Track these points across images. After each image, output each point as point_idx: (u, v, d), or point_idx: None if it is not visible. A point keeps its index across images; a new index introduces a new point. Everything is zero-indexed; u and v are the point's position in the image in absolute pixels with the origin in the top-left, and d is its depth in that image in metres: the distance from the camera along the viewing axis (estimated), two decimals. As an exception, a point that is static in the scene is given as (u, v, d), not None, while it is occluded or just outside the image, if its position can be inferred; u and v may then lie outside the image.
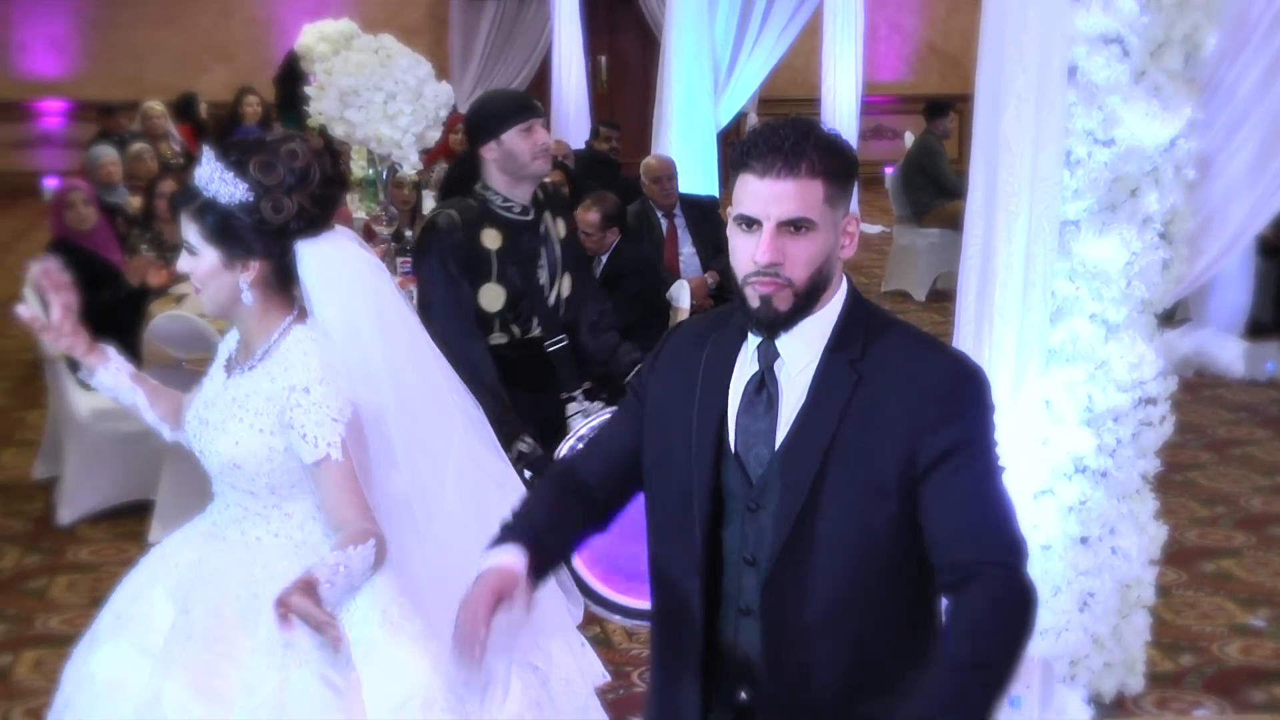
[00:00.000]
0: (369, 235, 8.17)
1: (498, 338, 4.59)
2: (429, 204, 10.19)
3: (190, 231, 2.99)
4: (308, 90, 8.30)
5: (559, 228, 4.70)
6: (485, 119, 4.54)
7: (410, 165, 7.96)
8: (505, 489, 3.34)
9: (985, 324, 4.56)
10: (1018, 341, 4.52)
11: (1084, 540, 4.59)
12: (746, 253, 2.50)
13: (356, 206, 9.41)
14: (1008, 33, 4.44)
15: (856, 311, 2.59)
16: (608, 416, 2.98)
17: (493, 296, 4.52)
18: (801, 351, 2.56)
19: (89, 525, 6.49)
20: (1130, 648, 4.78)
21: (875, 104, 18.06)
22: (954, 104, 12.66)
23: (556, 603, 3.39)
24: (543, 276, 4.64)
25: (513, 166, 4.50)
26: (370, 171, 8.98)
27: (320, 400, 2.96)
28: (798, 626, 2.52)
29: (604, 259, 7.34)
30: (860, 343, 2.54)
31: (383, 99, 7.32)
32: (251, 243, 2.96)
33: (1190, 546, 6.40)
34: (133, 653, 3.03)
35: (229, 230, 2.95)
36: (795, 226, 2.47)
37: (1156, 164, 4.48)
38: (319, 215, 3.03)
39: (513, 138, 4.45)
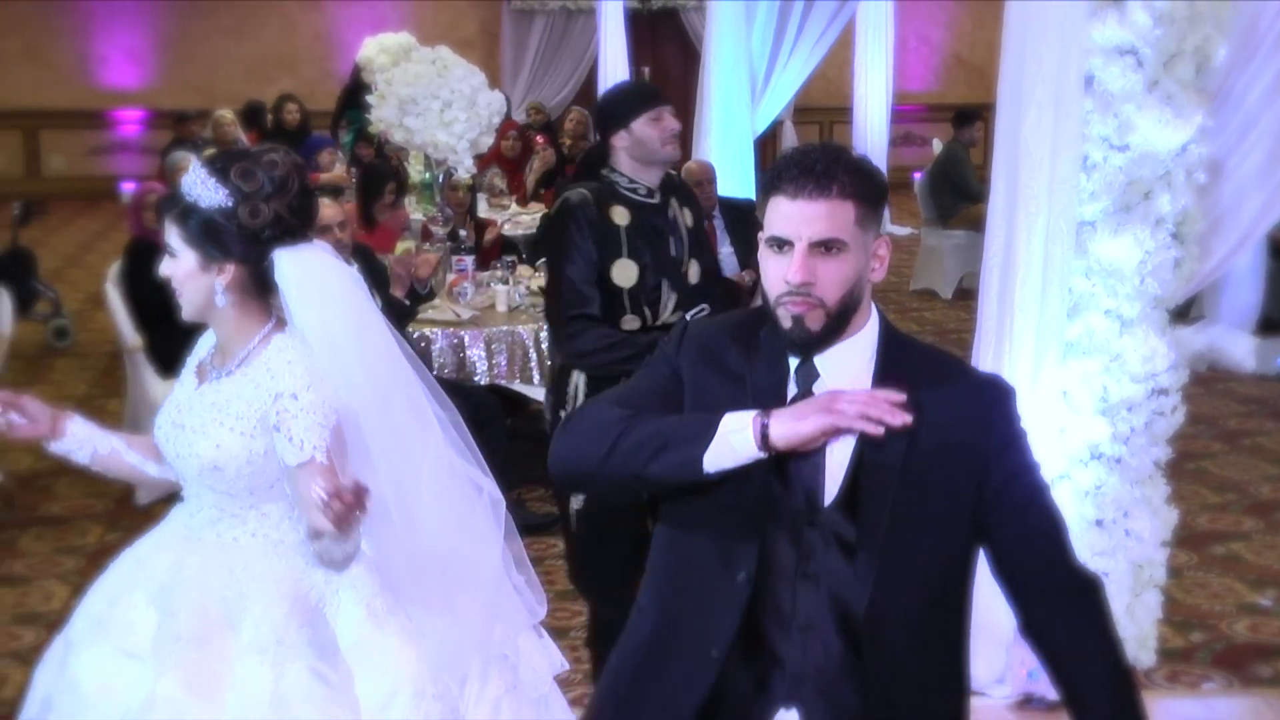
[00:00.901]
0: (426, 235, 8.24)
1: (630, 321, 4.41)
2: (483, 206, 10.27)
3: (172, 234, 2.95)
4: (369, 99, 8.38)
5: (686, 216, 4.56)
6: (615, 109, 4.43)
7: (465, 169, 8.02)
8: (483, 491, 3.24)
9: (1006, 319, 4.59)
10: (1037, 335, 4.55)
11: (1099, 523, 4.62)
12: (778, 273, 2.43)
13: (414, 208, 9.47)
14: (1028, 44, 4.46)
15: (893, 341, 2.54)
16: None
17: (625, 271, 4.38)
18: (841, 374, 2.47)
19: (165, 505, 6.51)
20: (1143, 624, 4.80)
21: (905, 113, 18.01)
22: (980, 113, 12.64)
23: (517, 600, 3.29)
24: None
25: (643, 153, 4.39)
26: (427, 175, 9.04)
27: (308, 406, 2.90)
28: (874, 647, 2.45)
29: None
30: (907, 371, 2.46)
31: (439, 107, 7.38)
32: (229, 246, 2.92)
33: (1201, 531, 6.41)
34: (117, 656, 2.94)
35: (207, 233, 2.91)
36: (826, 247, 2.40)
37: (1169, 168, 4.50)
38: (296, 225, 2.97)
39: (642, 125, 4.35)
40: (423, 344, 6.62)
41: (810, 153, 2.43)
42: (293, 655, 2.88)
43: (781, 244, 2.43)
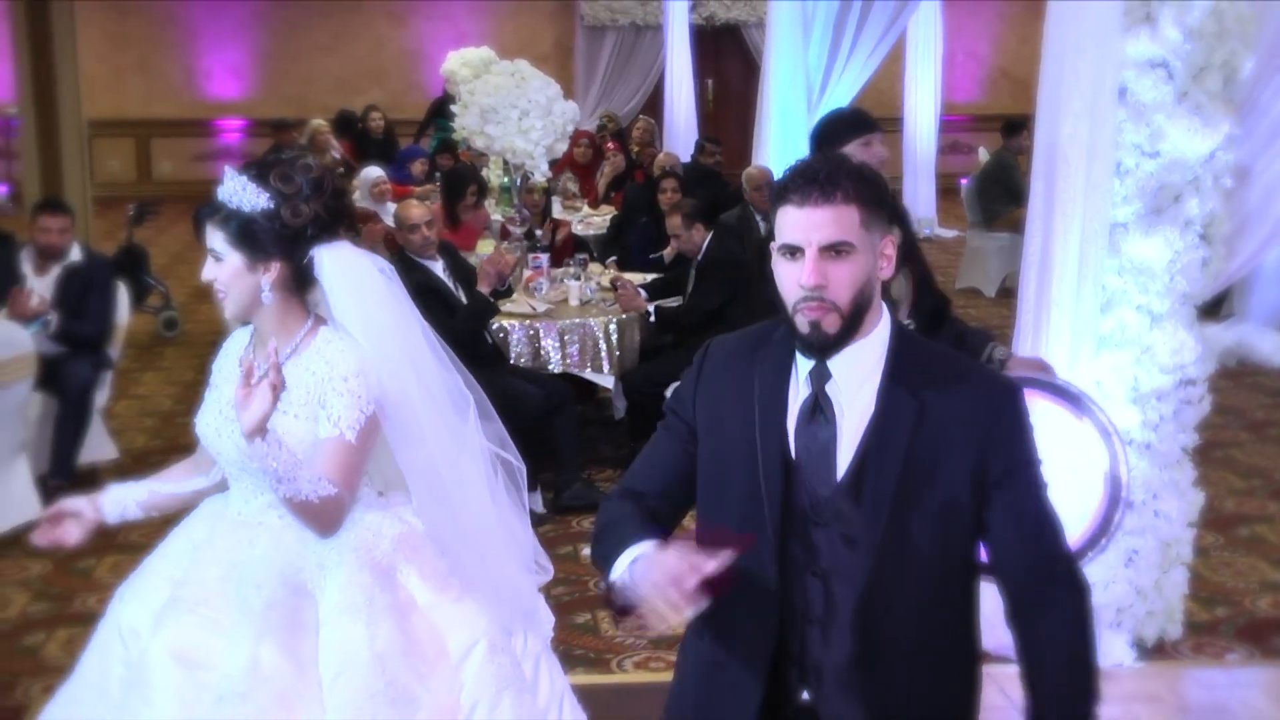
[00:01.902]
0: (505, 234, 8.34)
1: None
2: (556, 208, 10.35)
3: (216, 239, 2.93)
4: (452, 108, 8.49)
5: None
6: (829, 133, 4.36)
7: (540, 173, 8.11)
8: (509, 461, 3.26)
9: (1044, 314, 4.62)
10: (1072, 329, 4.58)
11: (1130, 504, 4.63)
12: (792, 279, 2.42)
13: (494, 209, 9.57)
14: (1066, 58, 4.49)
15: (904, 341, 2.50)
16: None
17: None
18: (853, 373, 2.45)
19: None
20: (1170, 599, 4.82)
21: (952, 123, 17.91)
22: (1027, 123, 12.59)
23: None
24: None
25: None
26: (506, 179, 9.14)
27: (355, 389, 2.93)
28: (882, 638, 2.44)
29: (700, 255, 7.34)
30: (916, 370, 2.45)
31: (518, 115, 7.47)
32: (271, 246, 2.91)
33: (1228, 514, 6.39)
34: (202, 630, 2.89)
35: (251, 235, 2.90)
36: (836, 250, 2.38)
37: (1197, 174, 4.52)
38: (331, 222, 3.00)
39: (853, 150, 4.23)
40: (501, 335, 6.72)
41: (814, 163, 2.44)
42: (382, 615, 2.92)
43: (793, 251, 2.42)
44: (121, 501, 3.18)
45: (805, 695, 2.49)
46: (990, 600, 2.71)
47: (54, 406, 6.53)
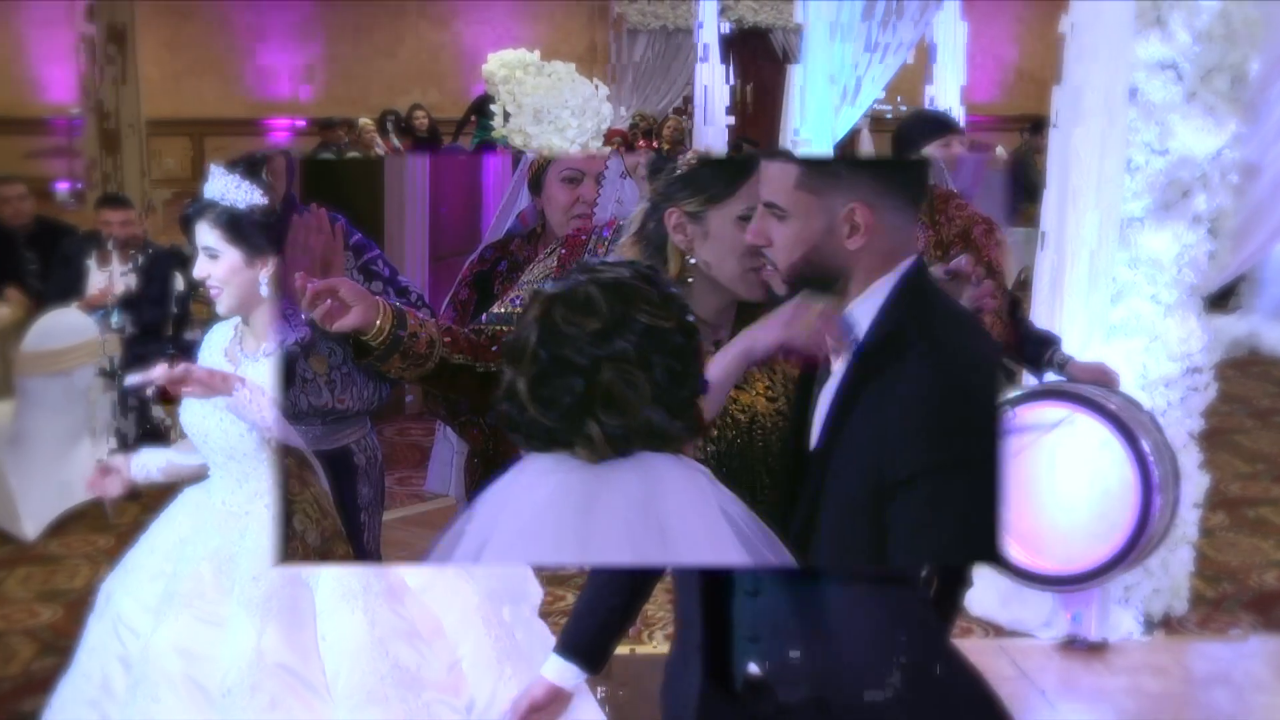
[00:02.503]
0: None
1: None
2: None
3: (210, 237, 2.87)
4: (492, 107, 8.53)
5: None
6: (909, 133, 4.26)
7: (575, 171, 8.16)
8: None
9: (1057, 303, 4.67)
10: (1085, 318, 4.62)
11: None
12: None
13: (530, 206, 9.62)
14: (1080, 60, 4.53)
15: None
16: None
17: None
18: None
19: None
20: (1176, 576, 4.85)
21: (974, 123, 17.88)
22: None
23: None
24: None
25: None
26: (541, 177, 9.17)
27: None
28: (820, 608, 2.30)
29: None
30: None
31: (569, 115, 7.54)
32: (268, 240, 2.88)
33: (1233, 497, 6.41)
34: (202, 625, 2.89)
35: (249, 231, 2.86)
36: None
37: (1205, 171, 4.55)
38: None
39: (933, 150, 4.18)
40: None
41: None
42: (378, 600, 2.93)
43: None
44: (145, 465, 3.19)
45: (753, 668, 2.35)
46: (1002, 579, 2.74)
47: (113, 391, 6.63)
